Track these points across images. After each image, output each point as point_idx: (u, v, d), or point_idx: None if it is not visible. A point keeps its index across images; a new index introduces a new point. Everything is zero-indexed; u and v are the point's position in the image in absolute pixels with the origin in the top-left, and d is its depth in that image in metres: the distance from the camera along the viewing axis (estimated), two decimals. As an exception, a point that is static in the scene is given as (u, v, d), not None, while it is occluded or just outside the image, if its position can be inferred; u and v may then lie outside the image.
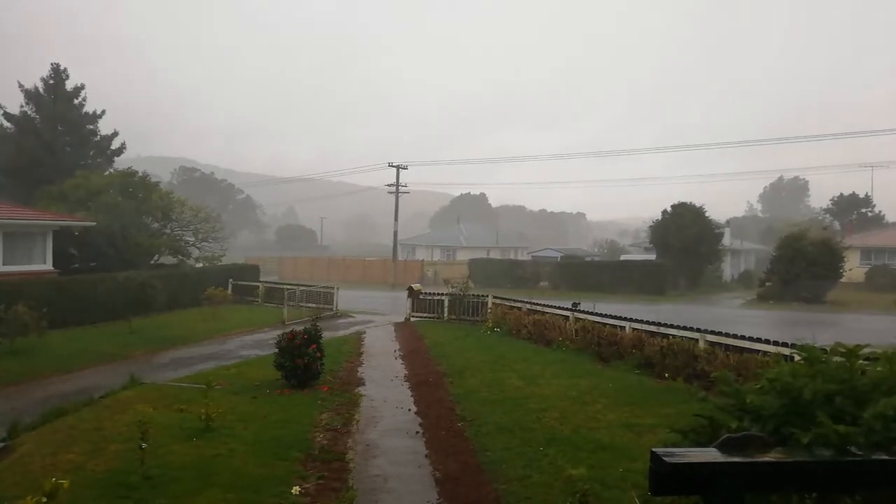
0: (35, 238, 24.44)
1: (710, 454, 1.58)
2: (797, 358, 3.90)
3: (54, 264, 24.87)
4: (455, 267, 58.12)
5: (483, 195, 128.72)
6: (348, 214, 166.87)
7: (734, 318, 30.77)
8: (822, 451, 1.92)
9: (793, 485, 1.62)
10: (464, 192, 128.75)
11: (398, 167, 55.50)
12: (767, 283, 42.44)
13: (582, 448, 8.67)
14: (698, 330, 13.76)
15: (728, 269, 56.84)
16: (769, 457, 1.60)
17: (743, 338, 12.63)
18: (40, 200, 28.74)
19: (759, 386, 3.12)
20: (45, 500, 5.81)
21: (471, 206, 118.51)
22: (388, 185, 56.60)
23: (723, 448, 1.60)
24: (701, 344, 13.26)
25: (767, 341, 12.00)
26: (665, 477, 1.50)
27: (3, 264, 22.79)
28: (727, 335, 13.04)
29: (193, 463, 8.08)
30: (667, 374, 13.27)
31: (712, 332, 13.44)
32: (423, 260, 63.47)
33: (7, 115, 35.31)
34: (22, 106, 35.69)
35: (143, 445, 7.59)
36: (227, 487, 7.35)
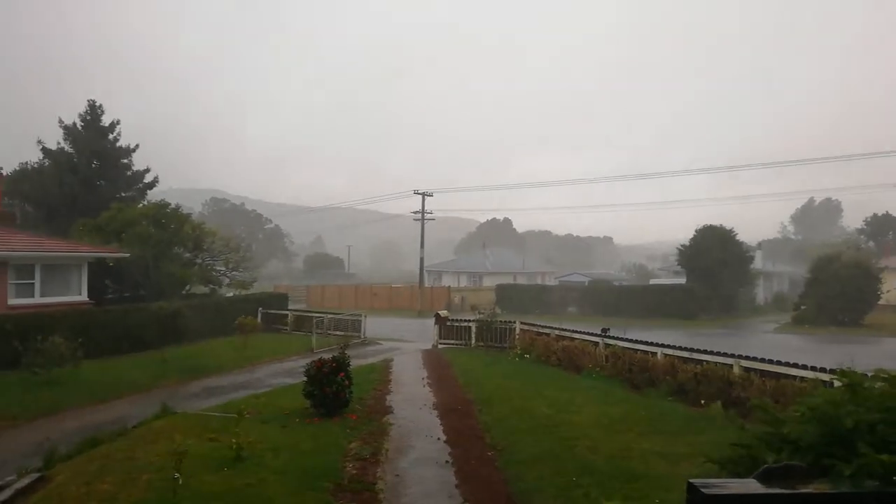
0: (71, 270, 25.05)
1: (750, 485, 1.54)
2: (837, 384, 3.80)
3: (89, 295, 25.41)
4: (482, 293, 57.93)
5: (508, 220, 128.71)
6: (375, 242, 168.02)
7: (768, 342, 30.07)
8: (865, 482, 1.86)
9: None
10: (489, 218, 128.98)
11: (423, 194, 55.86)
12: (802, 307, 41.54)
13: (615, 478, 8.50)
14: (732, 355, 13.49)
15: (761, 293, 55.73)
16: (811, 488, 1.56)
17: (779, 363, 12.33)
18: (76, 233, 29.51)
19: (798, 414, 3.04)
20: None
21: (496, 232, 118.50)
22: (414, 213, 56.94)
23: (762, 479, 1.57)
24: (735, 370, 12.99)
25: (805, 366, 11.70)
26: (703, 509, 1.46)
27: (41, 296, 23.37)
28: (762, 360, 12.75)
29: (224, 492, 8.09)
30: (702, 402, 12.99)
31: (747, 358, 13.16)
32: (449, 286, 63.41)
33: (46, 151, 36.54)
34: (59, 142, 36.92)
35: (177, 475, 7.64)
36: (257, 518, 7.34)
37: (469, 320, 26.38)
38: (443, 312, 28.14)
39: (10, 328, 18.84)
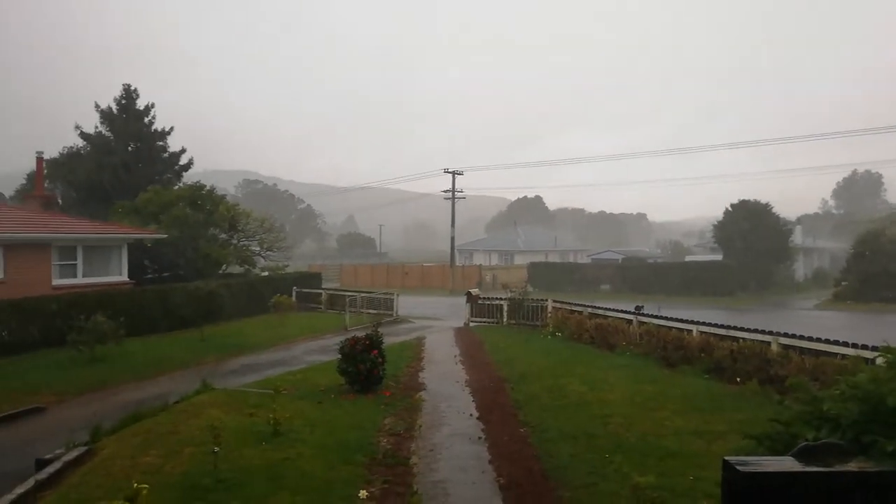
0: (111, 251, 25.71)
1: (787, 463, 1.52)
2: (879, 361, 3.72)
3: (130, 275, 26.08)
4: (513, 271, 57.83)
5: (540, 198, 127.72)
6: (406, 221, 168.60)
7: (808, 319, 29.45)
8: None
9: (877, 496, 1.54)
10: (520, 196, 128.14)
11: (454, 173, 55.70)
12: (844, 283, 40.53)
13: (649, 455, 8.47)
14: (770, 332, 13.23)
15: (801, 269, 54.49)
16: (850, 466, 1.53)
17: (819, 340, 12.06)
18: (115, 215, 30.20)
19: (837, 392, 2.99)
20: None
21: (528, 210, 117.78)
22: (445, 191, 56.87)
23: (800, 457, 1.54)
24: (773, 347, 12.75)
25: (846, 343, 11.42)
26: (738, 486, 1.45)
27: (83, 276, 24.08)
28: (802, 337, 12.49)
29: (263, 466, 8.31)
30: (738, 379, 12.82)
31: (785, 335, 12.90)
32: (480, 265, 63.42)
33: (84, 135, 37.34)
34: (97, 126, 37.67)
35: (216, 449, 7.86)
36: (295, 490, 7.53)
37: (500, 298, 26.38)
38: (474, 291, 28.19)
39: (54, 308, 19.50)
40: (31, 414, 12.73)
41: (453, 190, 55.79)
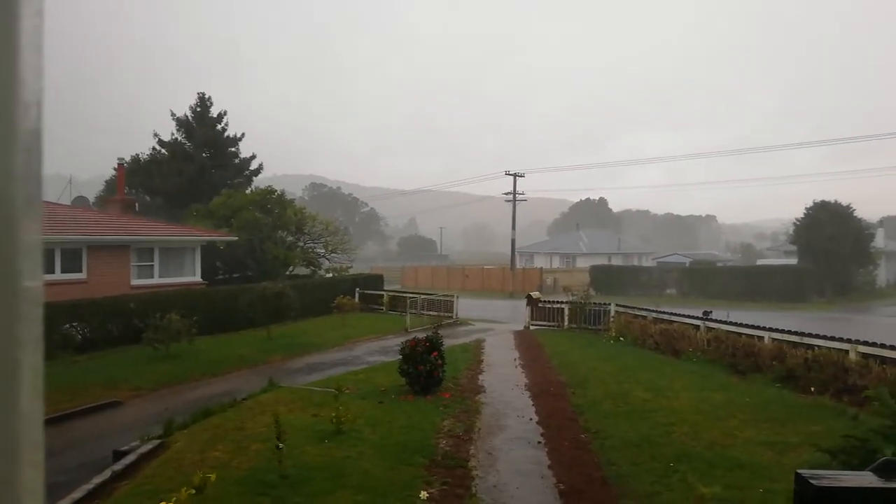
0: (186, 252, 26.81)
1: (866, 479, 1.43)
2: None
3: (202, 276, 27.12)
4: (575, 274, 56.99)
5: (604, 200, 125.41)
6: (466, 224, 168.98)
7: (890, 327, 27.81)
8: None
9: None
10: (583, 198, 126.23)
11: (515, 175, 55.35)
12: (931, 289, 38.07)
13: (716, 466, 8.18)
14: (848, 340, 12.58)
15: (883, 274, 51.55)
16: (937, 484, 1.43)
17: (902, 350, 11.39)
18: (189, 218, 31.49)
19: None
20: (194, 492, 6.37)
21: (590, 212, 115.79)
22: (506, 194, 56.59)
23: (881, 472, 1.45)
24: (852, 356, 12.12)
25: (933, 354, 10.74)
26: (811, 501, 1.37)
27: (160, 277, 25.21)
28: (884, 346, 11.82)
29: (325, 464, 8.47)
30: (812, 389, 12.24)
31: (865, 343, 12.23)
32: (541, 268, 62.78)
33: (161, 142, 39.15)
34: (173, 133, 39.41)
35: (280, 446, 8.06)
36: (357, 489, 7.64)
37: (561, 302, 26.03)
38: (535, 294, 27.93)
39: (132, 307, 20.48)
40: (109, 407, 13.40)
41: (514, 192, 55.47)
